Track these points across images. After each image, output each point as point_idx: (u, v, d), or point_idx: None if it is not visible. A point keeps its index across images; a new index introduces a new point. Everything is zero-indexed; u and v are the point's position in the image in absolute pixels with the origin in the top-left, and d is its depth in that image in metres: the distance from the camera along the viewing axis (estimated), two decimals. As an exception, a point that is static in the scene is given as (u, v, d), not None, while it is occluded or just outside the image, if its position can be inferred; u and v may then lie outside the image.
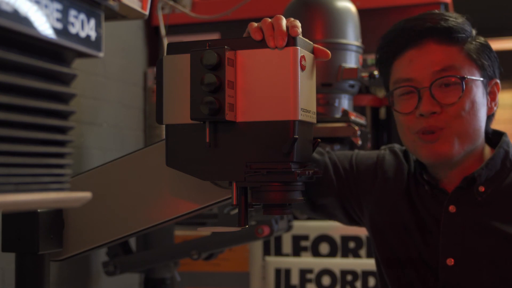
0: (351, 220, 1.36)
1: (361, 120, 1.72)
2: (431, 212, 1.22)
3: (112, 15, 1.20)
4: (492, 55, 1.23)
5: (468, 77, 1.16)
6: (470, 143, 1.18)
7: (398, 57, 1.21)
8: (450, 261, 1.17)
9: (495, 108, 1.24)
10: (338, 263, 2.29)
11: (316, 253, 2.35)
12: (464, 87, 1.15)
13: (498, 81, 1.25)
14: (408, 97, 1.19)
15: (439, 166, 1.21)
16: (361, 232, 2.24)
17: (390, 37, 1.24)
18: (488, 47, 1.22)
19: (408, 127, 1.18)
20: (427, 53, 1.18)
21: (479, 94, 1.18)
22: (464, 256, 1.17)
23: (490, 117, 1.24)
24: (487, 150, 1.25)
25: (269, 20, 0.98)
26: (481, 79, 1.19)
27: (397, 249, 1.24)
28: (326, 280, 2.29)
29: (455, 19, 1.20)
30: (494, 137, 1.26)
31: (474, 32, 1.22)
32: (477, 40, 1.21)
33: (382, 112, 2.44)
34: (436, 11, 1.24)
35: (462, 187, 1.20)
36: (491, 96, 1.23)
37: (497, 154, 1.21)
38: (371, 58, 2.24)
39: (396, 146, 1.36)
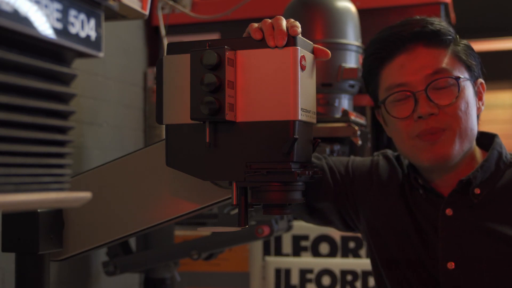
0: (346, 226, 1.37)
1: (361, 120, 1.72)
2: (426, 216, 1.22)
3: (112, 15, 1.20)
4: (476, 56, 1.24)
5: (461, 77, 1.17)
6: (468, 143, 1.19)
7: (387, 64, 1.21)
8: (451, 265, 1.17)
9: (482, 107, 1.25)
10: (338, 263, 2.29)
11: (316, 253, 2.35)
12: (459, 87, 1.16)
13: (483, 81, 1.25)
14: (403, 102, 1.18)
15: (435, 169, 1.21)
16: (361, 232, 2.24)
17: (377, 45, 1.23)
18: (472, 49, 1.23)
19: (407, 132, 1.18)
20: (417, 57, 1.18)
21: (471, 94, 1.19)
22: (464, 259, 1.17)
23: (477, 117, 1.24)
24: (478, 153, 1.25)
25: (269, 20, 0.98)
26: (470, 79, 1.20)
27: (396, 251, 1.25)
28: (326, 280, 2.29)
29: (439, 22, 1.21)
30: (482, 139, 1.26)
31: (456, 34, 1.23)
32: (462, 42, 1.22)
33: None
34: (418, 16, 1.24)
35: (458, 190, 1.19)
36: (479, 96, 1.24)
37: (491, 155, 1.21)
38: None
39: (389, 152, 1.37)
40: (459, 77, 1.16)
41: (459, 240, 1.18)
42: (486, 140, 1.26)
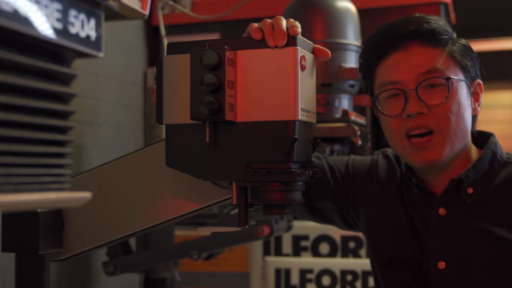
0: (347, 225, 1.37)
1: (361, 120, 1.72)
2: (421, 215, 1.22)
3: (112, 15, 1.20)
4: (474, 56, 1.23)
5: (454, 77, 1.16)
6: (459, 144, 1.18)
7: (383, 60, 1.21)
8: (442, 265, 1.17)
9: (478, 108, 1.24)
10: (338, 263, 2.29)
11: (316, 253, 2.35)
12: (450, 87, 1.15)
13: (481, 81, 1.25)
14: (394, 100, 1.19)
15: (427, 169, 1.21)
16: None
17: (374, 41, 1.23)
18: (470, 49, 1.22)
19: (397, 131, 1.18)
20: (412, 56, 1.18)
21: (464, 95, 1.18)
22: (456, 259, 1.17)
23: (474, 118, 1.24)
24: (474, 151, 1.24)
25: (269, 20, 0.98)
26: (465, 80, 1.19)
27: (393, 251, 1.25)
28: (326, 280, 2.29)
29: (437, 21, 1.21)
30: (480, 138, 1.26)
31: (454, 34, 1.22)
32: (459, 42, 1.21)
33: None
34: (417, 14, 1.23)
35: (450, 189, 1.19)
36: (475, 97, 1.23)
37: (485, 155, 1.21)
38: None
39: (389, 151, 1.36)
40: (449, 78, 1.16)
41: (451, 239, 1.18)
42: (483, 139, 1.26)
